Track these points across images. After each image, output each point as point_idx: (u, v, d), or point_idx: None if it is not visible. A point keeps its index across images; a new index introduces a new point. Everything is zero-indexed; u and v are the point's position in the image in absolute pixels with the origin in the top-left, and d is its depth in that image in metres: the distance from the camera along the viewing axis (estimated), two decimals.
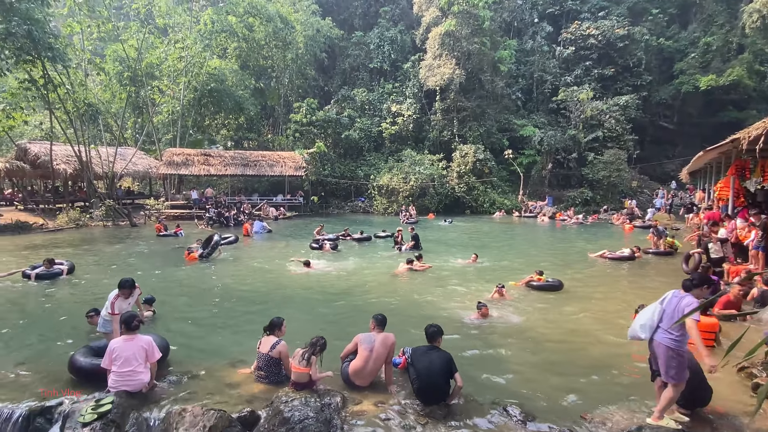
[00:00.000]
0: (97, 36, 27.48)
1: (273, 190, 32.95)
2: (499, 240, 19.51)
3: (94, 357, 5.34)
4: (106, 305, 6.02)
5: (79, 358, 5.31)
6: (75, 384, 5.13)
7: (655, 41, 37.44)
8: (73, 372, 5.25)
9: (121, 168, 27.39)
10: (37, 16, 18.78)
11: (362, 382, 5.04)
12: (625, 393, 5.11)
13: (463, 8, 31.42)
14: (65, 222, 21.52)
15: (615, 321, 7.80)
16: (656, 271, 12.78)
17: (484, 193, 31.56)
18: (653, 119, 37.79)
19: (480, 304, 7.91)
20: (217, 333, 7.33)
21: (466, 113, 33.86)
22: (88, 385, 5.07)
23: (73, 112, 23.49)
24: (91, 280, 10.90)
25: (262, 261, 13.85)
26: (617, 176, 31.27)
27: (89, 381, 5.12)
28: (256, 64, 37.15)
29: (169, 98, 31.51)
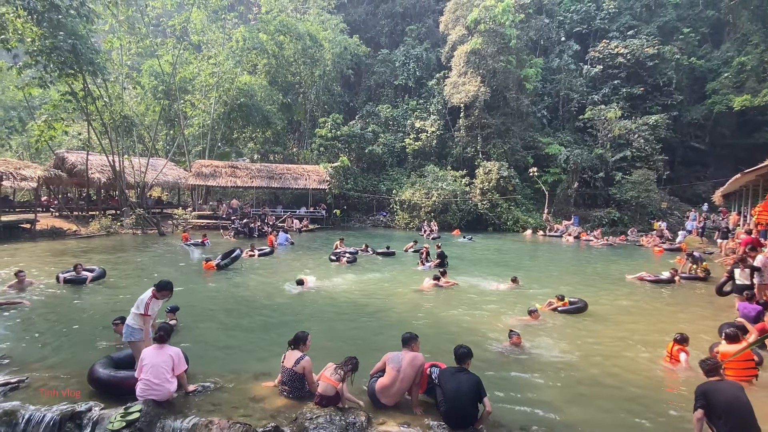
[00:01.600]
0: (135, 51, 28.78)
1: (296, 202, 33.37)
2: (525, 260, 19.18)
3: (113, 369, 5.33)
4: (137, 305, 5.80)
5: (98, 369, 5.25)
6: (94, 395, 5.10)
7: (687, 60, 36.72)
8: (92, 383, 5.21)
9: (152, 178, 28.23)
10: (81, 32, 19.77)
11: (388, 401, 4.96)
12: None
13: (489, 27, 31.58)
14: (97, 229, 22.22)
15: (650, 349, 7.52)
16: (692, 296, 12.34)
17: (507, 211, 31.18)
18: (684, 140, 36.85)
19: (512, 333, 7.55)
20: (240, 345, 7.37)
21: (490, 130, 33.75)
22: (107, 396, 5.04)
23: (109, 123, 24.46)
24: (119, 287, 11.16)
25: (286, 273, 13.93)
26: (646, 197, 30.48)
27: (108, 393, 5.11)
28: (284, 80, 38.09)
29: (200, 112, 32.56)
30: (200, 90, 32.00)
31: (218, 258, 14.20)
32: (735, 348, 5.99)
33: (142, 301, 5.76)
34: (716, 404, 4.24)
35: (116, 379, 5.18)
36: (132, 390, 4.92)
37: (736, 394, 4.28)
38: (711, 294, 11.72)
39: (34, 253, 15.94)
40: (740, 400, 4.21)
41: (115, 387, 5.13)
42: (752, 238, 13.70)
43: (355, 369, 5.06)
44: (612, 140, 33.08)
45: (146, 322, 5.82)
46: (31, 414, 4.66)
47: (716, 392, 4.30)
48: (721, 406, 4.21)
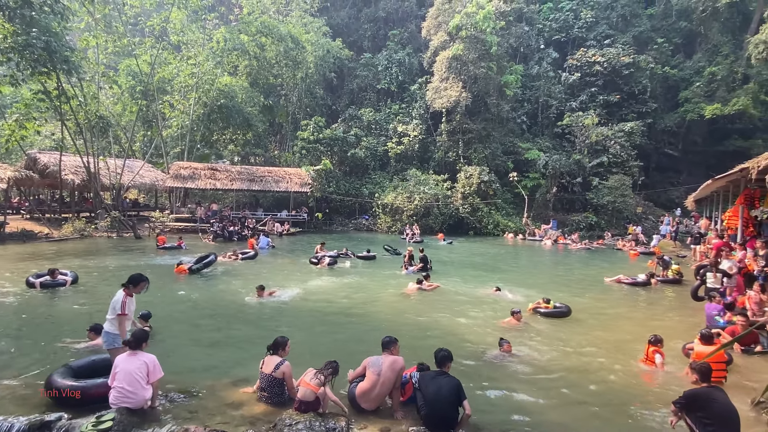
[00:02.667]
0: (112, 50, 28.11)
1: (278, 205, 33.06)
2: (508, 264, 19.39)
3: (73, 378, 5.07)
4: (113, 308, 5.53)
5: (57, 379, 4.99)
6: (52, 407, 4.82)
7: (660, 70, 37.88)
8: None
9: (128, 180, 27.59)
10: (55, 30, 19.24)
11: (369, 405, 4.93)
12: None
13: (470, 33, 31.96)
14: (70, 232, 21.58)
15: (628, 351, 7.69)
16: (666, 298, 12.73)
17: (488, 215, 31.53)
18: (658, 146, 37.96)
19: (502, 341, 7.39)
20: (218, 350, 7.25)
21: (471, 135, 34.11)
22: (65, 408, 4.78)
23: (84, 123, 23.82)
24: (93, 292, 10.85)
25: (264, 278, 13.77)
26: (622, 202, 31.28)
27: (65, 404, 4.85)
28: (266, 82, 37.76)
29: (179, 113, 31.97)
30: (179, 90, 31.43)
31: (192, 262, 13.95)
32: (709, 349, 6.18)
33: (117, 302, 5.54)
34: (710, 413, 4.21)
35: (77, 387, 4.95)
36: (94, 399, 4.77)
37: (729, 403, 4.29)
38: (684, 296, 12.12)
39: (2, 257, 15.37)
40: (734, 411, 4.23)
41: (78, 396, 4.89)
42: (723, 242, 14.19)
43: (336, 373, 5.02)
44: (589, 146, 33.83)
45: (124, 322, 5.60)
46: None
47: (712, 401, 4.27)
48: (716, 415, 4.19)
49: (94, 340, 7.02)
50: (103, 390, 4.84)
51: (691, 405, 4.33)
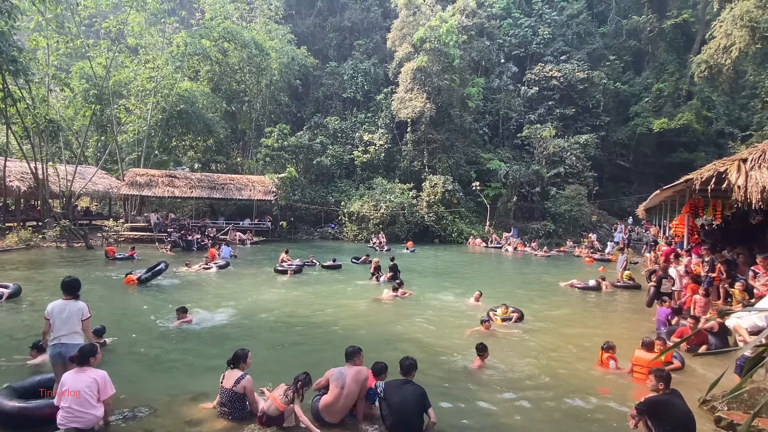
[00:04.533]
0: (63, 52, 26.77)
1: (240, 214, 32.32)
2: (469, 270, 19.75)
3: (18, 399, 4.80)
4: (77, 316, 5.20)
5: (1, 401, 4.72)
6: None
7: (612, 85, 40.01)
8: None
9: (80, 187, 26.25)
10: (2, 29, 18.17)
11: (333, 418, 4.88)
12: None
13: (434, 46, 32.65)
14: (15, 242, 20.22)
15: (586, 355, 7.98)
16: (615, 302, 13.38)
17: (452, 223, 32.07)
18: (611, 158, 39.92)
19: (481, 346, 7.14)
20: (175, 365, 6.99)
21: (435, 145, 34.71)
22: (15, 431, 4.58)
23: (32, 127, 22.52)
24: (37, 305, 10.20)
25: (229, 287, 13.41)
26: (578, 210, 32.61)
27: (15, 426, 4.63)
28: (229, 88, 37.04)
29: (135, 118, 30.76)
30: (136, 95, 30.24)
31: (142, 271, 13.43)
32: (649, 355, 6.58)
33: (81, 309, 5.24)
34: (670, 417, 4.40)
35: (24, 410, 4.67)
36: (43, 420, 4.50)
37: (687, 408, 4.51)
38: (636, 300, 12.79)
39: None
40: (690, 415, 4.46)
41: (23, 419, 4.64)
42: (671, 249, 15.04)
43: (306, 384, 4.92)
44: (547, 157, 35.14)
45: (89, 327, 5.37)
46: None
47: (672, 407, 4.47)
48: (674, 420, 4.39)
49: (36, 358, 6.65)
50: (49, 411, 4.56)
51: (652, 411, 4.52)
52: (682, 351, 7.78)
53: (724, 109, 38.16)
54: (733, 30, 26.98)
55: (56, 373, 5.20)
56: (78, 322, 5.22)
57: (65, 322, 5.16)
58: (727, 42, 27.71)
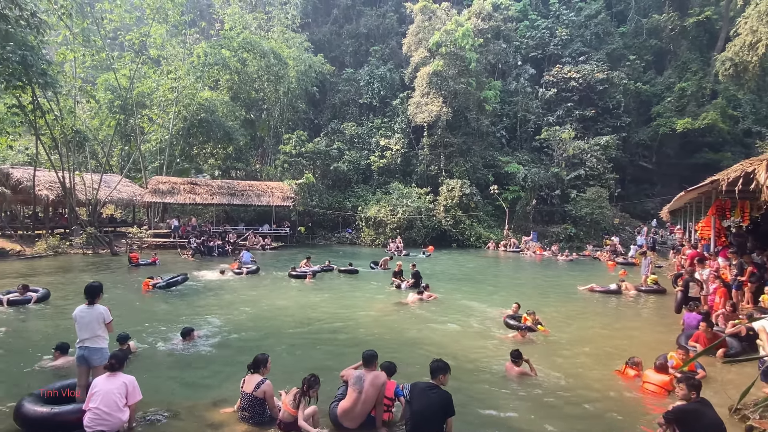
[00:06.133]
0: (89, 64, 27.67)
1: (259, 219, 32.73)
2: (488, 275, 19.56)
3: (44, 404, 4.90)
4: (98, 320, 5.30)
5: (27, 405, 4.81)
6: None
7: (633, 85, 39.23)
8: (20, 421, 4.77)
9: (105, 195, 27.01)
10: (32, 43, 18.90)
11: (351, 424, 4.88)
12: None
13: (450, 50, 32.63)
14: (44, 249, 20.93)
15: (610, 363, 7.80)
16: (643, 306, 13.03)
17: (470, 227, 31.84)
18: (633, 159, 39.08)
19: (516, 353, 6.99)
20: (197, 370, 7.08)
21: (452, 149, 34.60)
22: None
23: (59, 138, 23.34)
24: (64, 309, 10.51)
25: (250, 292, 13.57)
26: (599, 213, 31.99)
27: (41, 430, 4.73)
28: (248, 97, 37.69)
29: (158, 127, 31.58)
30: (159, 105, 31.07)
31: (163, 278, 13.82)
32: (658, 377, 6.39)
33: (103, 313, 5.37)
34: (699, 427, 4.28)
35: (50, 414, 4.77)
36: (65, 427, 4.61)
37: (717, 417, 4.36)
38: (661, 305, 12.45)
39: None
40: (721, 425, 4.31)
41: (47, 424, 4.71)
42: (697, 252, 14.63)
43: (312, 386, 4.90)
44: (567, 159, 34.63)
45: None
46: None
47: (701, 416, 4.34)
48: (705, 430, 4.27)
49: (58, 359, 6.86)
50: (77, 416, 4.67)
51: (681, 419, 4.39)
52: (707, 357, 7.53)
53: (751, 107, 37.03)
54: (759, 26, 26.25)
55: (79, 375, 5.37)
56: (98, 326, 5.33)
57: (87, 327, 5.29)
58: (753, 38, 26.96)
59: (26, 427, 4.74)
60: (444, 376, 4.68)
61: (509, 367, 6.99)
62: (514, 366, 6.93)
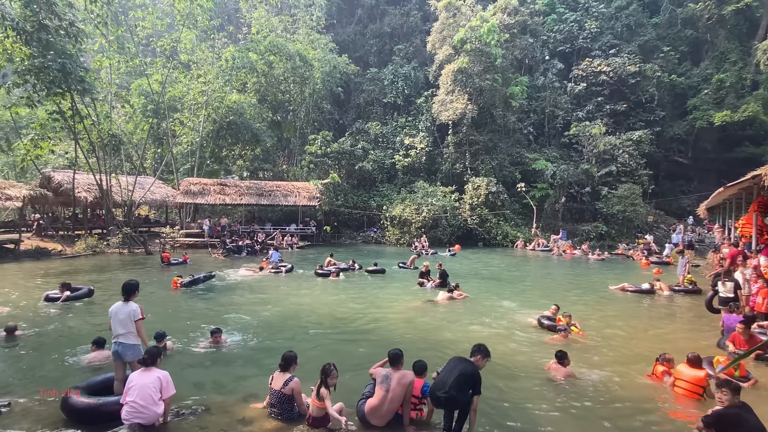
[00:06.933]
0: (124, 70, 28.76)
1: (286, 219, 33.25)
2: (517, 274, 19.24)
3: (90, 395, 5.14)
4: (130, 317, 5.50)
5: (72, 396, 5.04)
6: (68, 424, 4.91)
7: (667, 78, 37.81)
8: (67, 411, 5.00)
9: (140, 197, 27.97)
10: (70, 52, 19.76)
11: (378, 422, 4.90)
12: None
13: (475, 46, 32.26)
14: (83, 248, 21.86)
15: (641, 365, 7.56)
16: (677, 306, 12.57)
17: (497, 226, 31.42)
18: (667, 154, 37.72)
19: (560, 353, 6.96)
20: (227, 366, 7.24)
21: (478, 146, 34.22)
22: (84, 427, 4.85)
23: (96, 142, 24.30)
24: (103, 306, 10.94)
25: (280, 292, 13.81)
26: (632, 211, 31.00)
27: (83, 422, 4.92)
28: (274, 98, 38.32)
29: (188, 130, 32.50)
30: (189, 108, 32.00)
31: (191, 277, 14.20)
32: (692, 372, 6.10)
33: (134, 311, 5.56)
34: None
35: (92, 405, 4.99)
36: (108, 417, 4.78)
37: (760, 424, 4.20)
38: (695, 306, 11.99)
39: (17, 274, 15.61)
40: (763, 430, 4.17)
41: (93, 414, 4.93)
42: (738, 250, 13.96)
43: (328, 374, 4.90)
44: (597, 156, 33.71)
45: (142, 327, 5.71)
46: None
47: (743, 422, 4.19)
48: None
49: (94, 353, 7.18)
50: (117, 407, 4.86)
51: (721, 424, 4.23)
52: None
53: None
54: None
55: (116, 369, 5.60)
56: (131, 323, 5.53)
57: (121, 323, 5.50)
58: None
59: (72, 416, 4.97)
60: (481, 358, 4.83)
61: (554, 368, 6.90)
62: (560, 366, 6.84)
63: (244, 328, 9.38)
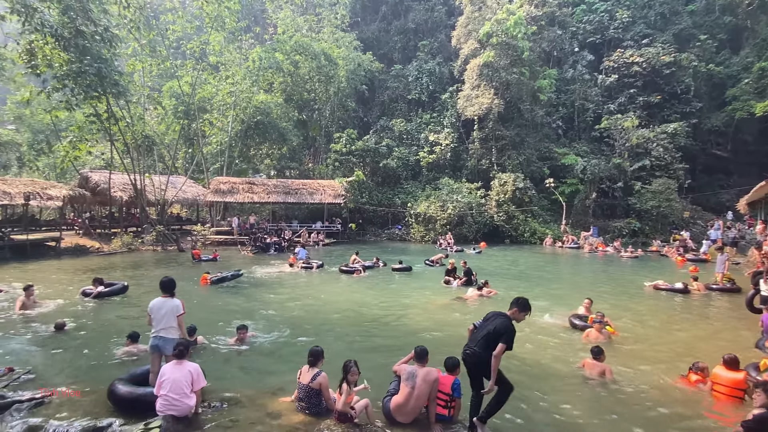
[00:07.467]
0: (156, 73, 29.66)
1: (312, 217, 33.64)
2: (547, 272, 18.87)
3: (134, 386, 5.39)
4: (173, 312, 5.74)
5: (118, 386, 5.32)
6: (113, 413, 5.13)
7: (705, 67, 36.18)
8: (113, 401, 5.26)
9: (172, 195, 28.82)
10: (105, 56, 20.53)
11: (404, 419, 4.90)
12: None
13: (501, 40, 31.71)
14: (119, 246, 22.72)
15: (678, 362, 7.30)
16: (714, 306, 12.06)
17: (524, 222, 30.87)
18: (705, 147, 36.15)
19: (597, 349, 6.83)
20: (255, 361, 7.40)
21: (504, 142, 33.68)
22: (128, 414, 5.06)
23: (131, 143, 25.18)
24: (138, 301, 11.34)
25: (307, 289, 13.98)
26: (667, 206, 29.86)
27: (127, 410, 5.14)
28: (300, 98, 38.78)
29: (218, 130, 33.29)
30: (218, 109, 32.77)
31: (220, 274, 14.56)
32: (729, 375, 5.89)
33: (177, 306, 5.79)
34: None
35: (135, 395, 5.23)
36: (150, 406, 4.96)
37: None
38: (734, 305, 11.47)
39: (60, 270, 16.36)
40: None
41: (137, 403, 5.17)
42: None
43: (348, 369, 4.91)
44: (630, 149, 32.63)
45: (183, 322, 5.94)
46: (55, 429, 4.75)
47: None
48: None
49: (129, 346, 7.46)
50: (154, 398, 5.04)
51: (762, 429, 4.05)
52: None
53: None
54: None
55: (152, 362, 5.79)
56: (174, 318, 5.75)
57: (163, 318, 5.71)
58: None
59: (118, 405, 5.23)
60: (518, 311, 4.71)
61: (590, 364, 6.78)
62: (596, 362, 6.71)
63: (271, 324, 9.54)
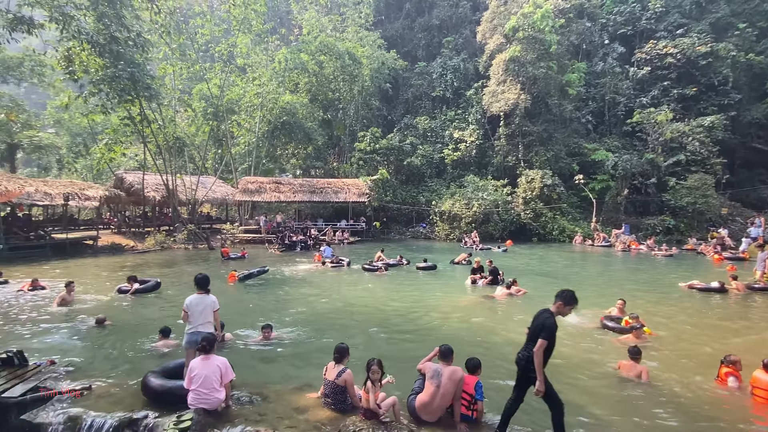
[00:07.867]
0: (186, 76, 30.50)
1: (337, 215, 33.91)
2: (576, 271, 18.44)
3: (166, 379, 5.56)
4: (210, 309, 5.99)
5: (151, 379, 5.50)
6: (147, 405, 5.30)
7: (744, 57, 34.46)
8: (146, 394, 5.43)
9: (202, 195, 29.61)
10: (138, 61, 21.25)
11: (430, 417, 4.89)
12: None
13: (528, 34, 31.12)
14: (152, 244, 23.51)
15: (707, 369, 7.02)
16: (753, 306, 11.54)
17: (552, 220, 30.24)
18: (744, 141, 34.45)
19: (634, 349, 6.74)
20: (282, 357, 7.51)
21: (532, 138, 33.05)
22: (160, 407, 5.22)
23: (163, 144, 25.99)
24: (171, 298, 11.71)
25: (333, 286, 14.13)
26: (704, 203, 28.67)
27: (159, 402, 5.30)
28: (325, 97, 39.15)
29: (245, 131, 33.99)
30: (246, 110, 33.46)
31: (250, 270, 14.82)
32: None
33: (213, 302, 6.02)
34: None
35: (165, 387, 5.39)
36: (181, 399, 5.11)
37: None
38: None
39: (98, 267, 17.06)
40: None
41: (169, 396, 5.33)
42: None
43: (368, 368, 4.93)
44: (663, 144, 31.48)
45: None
46: (93, 420, 4.97)
47: None
48: None
49: (161, 341, 7.73)
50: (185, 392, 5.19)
51: None
52: None
53: None
54: None
55: (188, 357, 5.93)
56: (210, 313, 5.99)
57: (201, 314, 5.92)
58: None
59: (151, 397, 5.41)
60: (562, 304, 4.63)
61: (627, 366, 6.64)
62: (634, 364, 6.58)
63: (296, 321, 9.68)
